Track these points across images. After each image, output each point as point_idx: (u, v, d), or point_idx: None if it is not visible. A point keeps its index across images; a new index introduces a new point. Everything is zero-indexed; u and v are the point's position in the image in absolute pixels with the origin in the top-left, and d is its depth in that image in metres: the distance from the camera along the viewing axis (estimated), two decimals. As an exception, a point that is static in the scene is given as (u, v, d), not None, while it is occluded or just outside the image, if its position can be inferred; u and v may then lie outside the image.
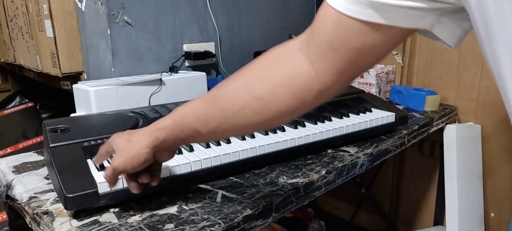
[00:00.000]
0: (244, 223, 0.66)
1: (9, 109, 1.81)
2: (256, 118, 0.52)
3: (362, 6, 0.42)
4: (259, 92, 0.51)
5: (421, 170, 1.55)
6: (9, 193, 0.81)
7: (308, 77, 0.49)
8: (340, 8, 0.43)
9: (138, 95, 1.08)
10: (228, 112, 0.53)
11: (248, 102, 0.52)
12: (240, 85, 0.53)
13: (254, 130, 0.57)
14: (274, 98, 0.50)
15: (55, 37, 1.22)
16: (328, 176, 0.84)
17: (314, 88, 0.49)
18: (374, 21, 0.42)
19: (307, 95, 0.50)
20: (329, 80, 0.48)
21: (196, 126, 0.56)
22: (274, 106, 0.51)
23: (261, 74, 0.52)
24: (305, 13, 1.74)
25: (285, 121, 0.54)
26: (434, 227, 1.50)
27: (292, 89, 0.50)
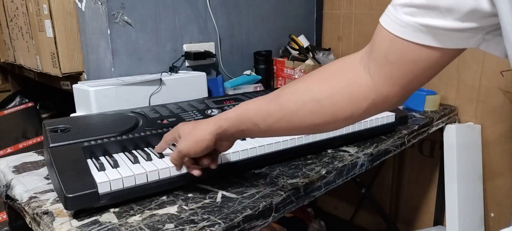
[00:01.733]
0: (244, 223, 0.66)
1: (9, 109, 1.80)
2: (312, 118, 0.56)
3: (411, 29, 0.46)
4: (318, 95, 0.55)
5: (421, 170, 1.55)
6: (9, 193, 0.81)
7: (365, 86, 0.52)
8: (391, 30, 0.48)
9: (138, 95, 1.08)
10: (286, 110, 0.58)
11: (306, 103, 0.56)
12: (302, 87, 0.58)
13: (308, 131, 0.61)
14: (331, 102, 0.54)
15: (55, 37, 1.22)
16: (328, 176, 0.84)
17: (369, 97, 0.52)
18: (421, 42, 0.46)
19: (362, 103, 0.53)
20: (385, 90, 0.51)
21: (256, 120, 0.61)
22: (330, 110, 0.55)
23: (322, 79, 0.57)
24: (305, 13, 1.74)
25: (339, 126, 0.58)
26: (434, 227, 1.50)
27: (350, 95, 0.53)
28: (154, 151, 0.81)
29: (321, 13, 1.75)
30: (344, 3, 1.64)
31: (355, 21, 1.62)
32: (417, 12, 0.45)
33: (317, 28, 1.78)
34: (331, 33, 1.72)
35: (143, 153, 0.79)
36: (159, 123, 0.89)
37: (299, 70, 1.46)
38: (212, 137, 0.64)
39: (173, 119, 0.91)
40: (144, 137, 0.84)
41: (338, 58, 0.59)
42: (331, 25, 1.71)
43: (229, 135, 0.65)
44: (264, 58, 1.50)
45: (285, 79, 1.50)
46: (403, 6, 0.46)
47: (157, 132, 0.86)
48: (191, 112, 0.96)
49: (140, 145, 0.83)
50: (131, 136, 0.83)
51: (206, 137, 0.64)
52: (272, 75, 1.54)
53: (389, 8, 0.48)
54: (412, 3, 0.45)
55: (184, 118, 0.92)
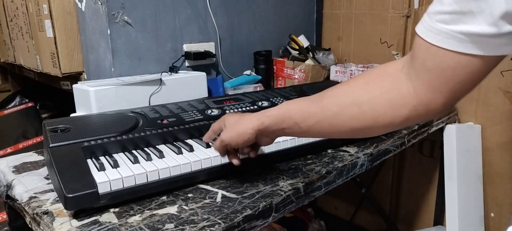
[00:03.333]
0: (244, 223, 0.66)
1: (9, 109, 1.80)
2: (352, 122, 0.57)
3: (445, 36, 0.46)
4: (360, 99, 0.56)
5: (421, 170, 1.55)
6: (9, 193, 0.81)
7: (406, 93, 0.52)
8: (425, 37, 0.48)
9: (138, 95, 1.08)
10: (328, 112, 0.59)
11: (347, 106, 0.57)
12: (344, 91, 0.59)
13: (348, 135, 0.61)
14: (372, 107, 0.55)
15: (55, 37, 1.22)
16: (328, 176, 0.84)
17: (410, 104, 0.52)
18: (456, 50, 0.46)
19: (403, 110, 0.53)
20: (426, 97, 0.51)
21: (297, 120, 0.63)
22: (371, 115, 0.55)
23: (364, 84, 0.57)
24: (305, 13, 1.74)
25: (379, 131, 0.58)
26: (434, 227, 1.50)
27: (390, 102, 0.54)
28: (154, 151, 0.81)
29: (321, 13, 1.75)
30: (344, 3, 1.64)
31: (355, 21, 1.62)
32: (450, 19, 0.45)
33: (317, 28, 1.78)
34: (331, 33, 1.72)
35: (143, 153, 0.79)
36: (159, 123, 0.89)
37: (299, 70, 1.46)
38: (254, 131, 0.67)
39: (173, 119, 0.91)
40: (144, 137, 0.84)
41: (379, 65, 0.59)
42: (331, 25, 1.71)
43: (270, 131, 0.68)
44: (264, 58, 1.50)
45: (285, 79, 1.50)
46: (437, 13, 0.46)
47: (157, 132, 0.86)
48: (191, 112, 0.96)
49: (140, 145, 0.83)
50: (131, 136, 0.83)
51: (248, 131, 0.67)
52: (272, 75, 1.54)
53: (424, 17, 0.49)
54: (445, 10, 0.45)
55: (184, 118, 0.92)
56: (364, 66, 1.49)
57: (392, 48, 1.51)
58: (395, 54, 1.50)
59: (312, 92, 1.16)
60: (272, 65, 1.53)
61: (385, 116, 0.55)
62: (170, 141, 0.87)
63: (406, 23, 1.46)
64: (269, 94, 1.13)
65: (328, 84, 1.36)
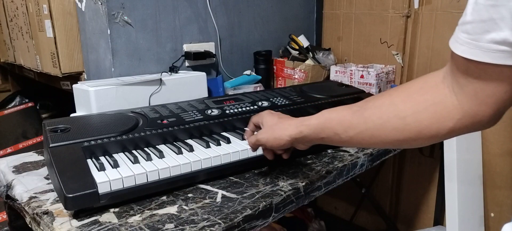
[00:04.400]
0: (244, 223, 0.66)
1: (9, 109, 1.80)
2: (395, 134, 0.57)
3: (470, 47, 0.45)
4: (403, 112, 0.56)
5: (421, 170, 1.55)
6: (9, 193, 0.81)
7: (451, 105, 0.52)
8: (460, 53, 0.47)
9: (138, 95, 1.08)
10: (370, 124, 0.59)
11: (391, 119, 0.57)
12: (387, 103, 0.58)
13: (391, 146, 0.61)
14: (416, 120, 0.54)
15: (55, 37, 1.22)
16: (328, 176, 0.84)
17: (455, 117, 0.52)
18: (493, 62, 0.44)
19: (448, 122, 0.52)
20: (472, 110, 0.50)
21: (338, 130, 0.63)
22: (415, 128, 0.55)
23: (407, 97, 0.57)
24: (305, 13, 1.74)
25: (423, 143, 0.58)
26: (434, 227, 1.50)
27: (435, 114, 0.53)
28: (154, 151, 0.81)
29: (321, 13, 1.75)
30: (344, 3, 1.64)
31: (355, 21, 1.62)
32: (472, 29, 0.44)
33: (317, 28, 1.78)
34: (331, 33, 1.72)
35: (143, 153, 0.79)
36: (159, 123, 0.89)
37: (299, 70, 1.46)
38: (291, 139, 0.68)
39: (173, 119, 0.91)
40: (144, 137, 0.84)
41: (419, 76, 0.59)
42: (331, 25, 1.71)
43: (307, 140, 0.68)
44: (264, 58, 1.50)
45: (285, 79, 1.50)
46: (461, 24, 0.46)
47: (157, 132, 0.86)
48: (191, 112, 0.96)
49: (140, 145, 0.83)
50: (131, 136, 0.83)
51: (285, 137, 0.68)
52: (272, 75, 1.54)
53: (456, 31, 0.48)
54: (467, 21, 0.45)
55: (184, 118, 0.92)
56: (364, 66, 1.49)
57: (392, 48, 1.51)
58: (395, 54, 1.50)
59: (312, 92, 1.17)
60: (272, 65, 1.53)
61: (429, 129, 0.54)
62: (170, 141, 0.87)
63: (406, 23, 1.46)
64: (269, 94, 1.13)
65: (328, 84, 1.37)
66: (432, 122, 0.53)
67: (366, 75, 1.41)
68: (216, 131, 0.94)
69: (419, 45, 1.45)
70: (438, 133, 0.54)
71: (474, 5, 0.44)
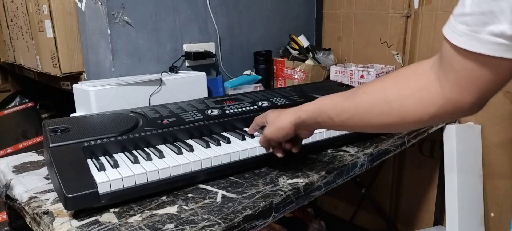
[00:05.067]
0: (244, 223, 0.66)
1: (9, 109, 1.81)
2: (382, 118, 0.60)
3: (468, 38, 0.46)
4: (390, 97, 0.58)
5: (421, 170, 1.55)
6: (9, 193, 0.81)
7: (434, 91, 0.54)
8: (451, 39, 0.49)
9: (138, 95, 1.08)
10: (360, 108, 0.62)
11: (378, 103, 0.60)
12: (376, 88, 0.62)
13: (379, 129, 0.64)
14: (401, 104, 0.57)
15: (55, 37, 1.22)
16: (328, 176, 0.84)
17: (437, 102, 0.54)
18: (480, 52, 0.46)
19: (431, 108, 0.54)
20: (453, 96, 0.52)
21: (332, 114, 0.67)
22: (399, 112, 0.58)
23: (395, 83, 0.60)
24: (305, 13, 1.74)
25: (409, 127, 0.61)
26: (434, 227, 1.50)
27: (419, 100, 0.55)
28: (154, 151, 0.81)
29: (321, 13, 1.75)
30: (344, 3, 1.64)
31: (355, 21, 1.62)
32: (471, 21, 0.45)
33: (317, 28, 1.78)
34: (331, 33, 1.72)
35: (143, 153, 0.79)
36: (159, 123, 0.89)
37: (299, 70, 1.46)
38: (292, 125, 0.72)
39: (173, 119, 0.91)
40: (144, 137, 0.84)
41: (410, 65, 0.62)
42: (331, 25, 1.71)
43: (307, 125, 0.73)
44: (264, 58, 1.49)
45: (285, 79, 1.50)
46: (460, 15, 0.47)
47: (157, 132, 0.86)
48: (191, 112, 0.96)
49: (140, 145, 0.83)
50: (131, 136, 0.83)
51: (286, 125, 0.73)
52: (272, 75, 1.54)
53: (450, 18, 0.49)
54: (466, 12, 0.46)
55: (184, 118, 0.92)
56: (364, 66, 1.49)
57: (392, 48, 1.51)
58: (395, 54, 1.50)
59: (312, 92, 1.17)
60: (272, 65, 1.53)
61: (413, 113, 0.56)
62: (170, 141, 0.87)
63: (406, 23, 1.46)
64: (269, 94, 1.13)
65: (328, 84, 1.37)
66: (415, 107, 0.56)
67: (366, 75, 1.41)
68: (216, 131, 0.94)
69: (419, 45, 1.45)
70: (421, 118, 0.56)
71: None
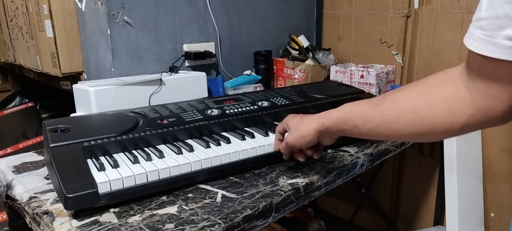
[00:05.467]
0: (244, 223, 0.66)
1: (9, 109, 1.81)
2: (409, 128, 0.58)
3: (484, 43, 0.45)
4: (418, 106, 0.56)
5: (421, 170, 1.55)
6: (9, 193, 0.81)
7: (464, 100, 0.52)
8: (474, 50, 0.47)
9: (138, 95, 1.08)
10: (386, 117, 0.60)
11: (406, 112, 0.58)
12: (403, 96, 0.60)
13: (407, 139, 0.63)
14: (429, 114, 0.55)
15: (55, 37, 1.22)
16: (328, 176, 0.84)
17: (468, 112, 0.52)
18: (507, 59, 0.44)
19: (461, 117, 0.53)
20: (484, 105, 0.50)
21: (357, 122, 0.65)
22: (428, 122, 0.55)
23: (423, 91, 0.58)
24: (305, 13, 1.74)
25: (438, 137, 0.58)
26: (434, 227, 1.50)
27: (448, 109, 0.54)
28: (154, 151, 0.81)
29: (321, 13, 1.75)
30: (344, 3, 1.64)
31: (355, 21, 1.62)
32: (487, 25, 0.45)
33: (317, 28, 1.78)
34: (331, 33, 1.72)
35: (143, 153, 0.79)
36: (159, 123, 0.89)
37: (299, 70, 1.46)
38: (315, 133, 0.71)
39: (173, 119, 0.91)
40: (144, 137, 0.84)
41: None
42: (331, 25, 1.71)
43: (330, 132, 0.71)
44: (264, 58, 1.49)
45: (285, 79, 1.50)
46: (476, 21, 0.46)
47: (157, 132, 0.86)
48: (191, 112, 0.96)
49: (140, 145, 0.83)
50: (131, 136, 0.83)
51: (309, 133, 0.72)
52: (272, 75, 1.54)
53: (470, 27, 0.48)
54: (482, 17, 0.45)
55: (184, 118, 0.92)
56: (364, 66, 1.49)
57: (392, 48, 1.51)
58: (395, 54, 1.50)
59: (312, 92, 1.17)
60: (272, 65, 1.53)
61: (442, 123, 0.54)
62: (170, 141, 0.87)
63: (406, 23, 1.46)
64: (269, 94, 1.13)
65: (328, 84, 1.37)
66: (445, 116, 0.54)
67: (366, 75, 1.41)
68: (216, 131, 0.94)
69: (419, 45, 1.45)
70: (452, 127, 0.54)
71: (489, 1, 0.44)
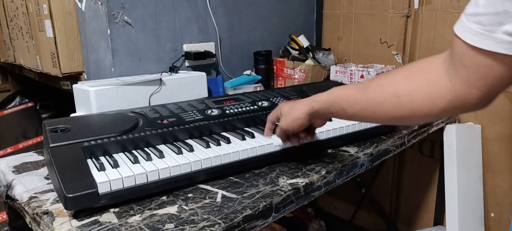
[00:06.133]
0: (244, 223, 0.66)
1: (9, 109, 1.81)
2: (392, 112, 0.61)
3: (482, 37, 0.47)
4: (400, 91, 0.60)
5: (421, 170, 1.55)
6: (9, 193, 0.81)
7: (444, 87, 0.55)
8: (463, 37, 0.50)
9: (138, 95, 1.08)
10: (371, 101, 0.64)
11: (389, 97, 0.61)
12: (387, 82, 0.63)
13: (390, 122, 0.65)
14: (410, 99, 0.58)
15: (55, 37, 1.22)
16: (328, 176, 0.84)
17: (446, 97, 0.55)
18: (491, 49, 0.47)
19: (440, 103, 0.56)
20: (462, 92, 0.53)
21: (344, 106, 0.68)
22: (409, 106, 0.59)
23: (406, 76, 0.61)
24: (305, 13, 1.74)
25: (418, 121, 0.63)
26: (434, 227, 1.50)
27: (428, 94, 0.57)
28: (154, 151, 0.81)
29: (321, 13, 1.75)
30: (344, 3, 1.64)
31: (355, 21, 1.62)
32: (486, 20, 0.46)
33: (317, 28, 1.78)
34: (331, 33, 1.72)
35: (143, 153, 0.79)
36: (159, 123, 0.89)
37: (299, 70, 1.46)
38: (306, 115, 0.75)
39: (173, 119, 0.91)
40: (144, 137, 0.84)
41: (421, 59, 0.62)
42: (331, 25, 1.71)
43: (320, 114, 0.75)
44: (264, 58, 1.49)
45: (285, 79, 1.50)
46: (473, 15, 0.48)
47: (157, 132, 0.86)
48: (191, 112, 0.96)
49: (140, 145, 0.83)
50: (131, 136, 0.83)
51: (301, 115, 0.76)
52: (272, 75, 1.54)
53: (461, 17, 0.50)
54: (480, 12, 0.47)
55: (184, 118, 0.92)
56: (364, 66, 1.49)
57: (392, 48, 1.51)
58: (395, 54, 1.50)
59: (312, 92, 1.17)
60: (272, 65, 1.53)
61: (422, 108, 0.57)
62: (170, 141, 0.87)
63: (406, 23, 1.46)
64: (269, 94, 1.13)
65: (328, 84, 1.36)
66: (425, 101, 0.57)
67: (366, 75, 1.41)
68: (216, 131, 0.94)
69: (419, 45, 1.45)
70: (431, 112, 0.57)
71: None
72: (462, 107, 0.55)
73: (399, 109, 0.60)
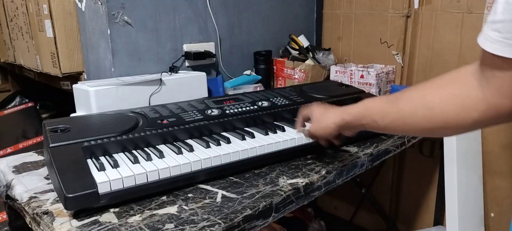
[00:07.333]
0: (244, 223, 0.66)
1: (9, 109, 1.80)
2: (424, 123, 0.61)
3: (501, 45, 0.47)
4: (431, 103, 0.59)
5: (421, 170, 1.55)
6: (9, 193, 0.81)
7: (476, 97, 0.54)
8: (484, 46, 0.50)
9: (138, 95, 1.08)
10: (402, 113, 0.64)
11: (420, 108, 0.61)
12: (418, 94, 0.63)
13: (422, 134, 0.66)
14: (442, 111, 0.58)
15: (55, 37, 1.22)
16: (328, 176, 0.84)
17: (479, 108, 0.54)
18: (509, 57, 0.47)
19: (473, 113, 0.55)
20: (495, 102, 0.52)
21: (376, 118, 0.68)
22: (442, 118, 0.58)
23: (437, 88, 0.60)
24: (305, 13, 1.74)
25: (450, 133, 0.62)
26: (434, 227, 1.50)
27: (461, 106, 0.56)
28: (154, 151, 0.81)
29: (321, 13, 1.75)
30: (344, 3, 1.64)
31: (355, 21, 1.62)
32: (503, 27, 0.46)
33: (317, 28, 1.78)
34: (331, 33, 1.72)
35: (143, 153, 0.79)
36: (159, 123, 0.89)
37: (299, 70, 1.46)
38: (336, 126, 0.76)
39: (173, 119, 0.91)
40: (144, 137, 0.84)
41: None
42: (331, 25, 1.71)
43: (351, 126, 0.76)
44: (264, 58, 1.49)
45: (285, 79, 1.50)
46: (492, 23, 0.48)
47: (157, 132, 0.86)
48: (191, 112, 0.96)
49: (140, 145, 0.83)
50: (131, 136, 0.83)
51: (331, 126, 0.77)
52: (272, 75, 1.54)
53: (485, 29, 0.50)
54: (497, 19, 0.47)
55: (184, 118, 0.92)
56: (364, 66, 1.49)
57: (392, 48, 1.51)
58: (395, 54, 1.50)
59: (312, 92, 1.17)
60: (272, 65, 1.53)
61: (455, 119, 0.57)
62: (170, 141, 0.87)
63: (406, 23, 1.46)
64: (269, 94, 1.13)
65: (328, 84, 1.37)
66: (457, 112, 0.56)
67: (366, 75, 1.41)
68: (216, 131, 0.94)
69: (419, 45, 1.45)
70: (464, 123, 0.56)
71: (505, 4, 0.46)
72: (496, 118, 0.54)
73: (431, 121, 0.59)
